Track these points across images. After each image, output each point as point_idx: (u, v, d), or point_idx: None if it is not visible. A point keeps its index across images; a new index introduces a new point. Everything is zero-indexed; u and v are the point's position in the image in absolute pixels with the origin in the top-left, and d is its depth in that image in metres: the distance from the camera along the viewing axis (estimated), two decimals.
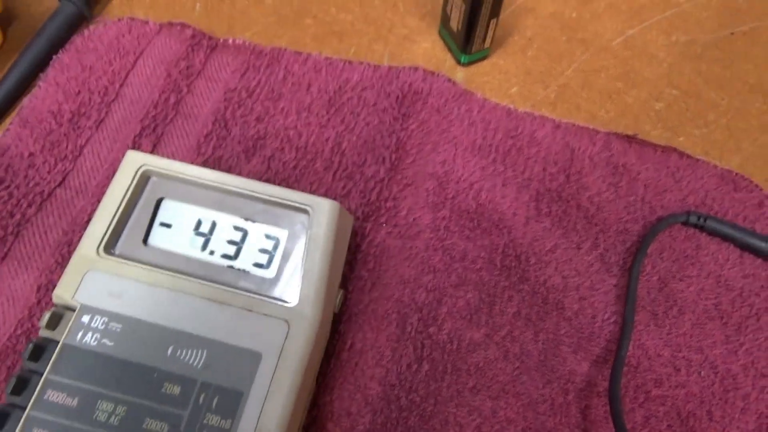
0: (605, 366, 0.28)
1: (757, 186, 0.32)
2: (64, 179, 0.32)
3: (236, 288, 0.24)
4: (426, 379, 0.27)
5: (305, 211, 0.25)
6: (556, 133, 0.33)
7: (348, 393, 0.26)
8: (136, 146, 0.33)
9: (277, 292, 0.24)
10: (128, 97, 0.35)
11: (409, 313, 0.28)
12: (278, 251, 0.25)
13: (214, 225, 0.26)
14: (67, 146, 0.33)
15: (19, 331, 0.28)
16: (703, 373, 0.28)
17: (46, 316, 0.23)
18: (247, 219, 0.26)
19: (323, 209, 0.25)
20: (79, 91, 0.35)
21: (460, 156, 0.32)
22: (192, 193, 0.27)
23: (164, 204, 0.26)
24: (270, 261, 0.25)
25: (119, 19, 0.37)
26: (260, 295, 0.24)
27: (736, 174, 0.32)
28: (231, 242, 0.25)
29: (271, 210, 0.26)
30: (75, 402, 0.22)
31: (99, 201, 0.31)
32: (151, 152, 0.33)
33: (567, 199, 0.32)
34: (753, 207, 0.32)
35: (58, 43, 0.36)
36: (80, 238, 0.30)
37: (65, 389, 0.22)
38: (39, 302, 0.28)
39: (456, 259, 0.30)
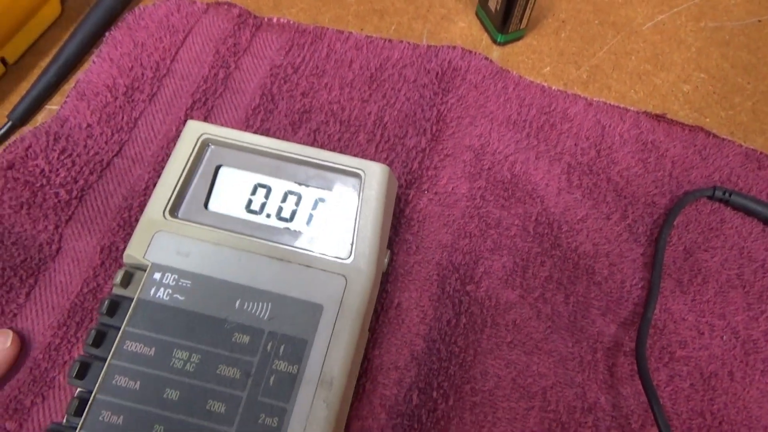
0: (632, 328, 0.30)
1: None
2: (120, 149, 0.34)
3: (294, 246, 0.26)
4: (465, 331, 0.29)
5: (357, 175, 0.27)
6: (587, 110, 0.35)
7: (396, 348, 0.28)
8: (187, 118, 0.35)
9: (332, 250, 0.26)
10: (179, 72, 0.37)
11: (448, 274, 0.30)
12: (332, 212, 0.27)
13: (269, 190, 0.28)
14: (122, 118, 0.35)
15: (85, 290, 0.30)
16: (725, 337, 0.30)
17: (119, 274, 0.25)
18: (300, 183, 0.28)
19: (375, 172, 0.27)
20: (132, 67, 0.36)
21: (495, 130, 0.34)
22: (248, 160, 0.28)
23: (222, 171, 0.28)
24: (324, 221, 0.27)
25: None
26: (317, 252, 0.26)
27: (761, 153, 0.34)
28: (286, 205, 0.27)
29: (323, 174, 0.28)
30: (152, 351, 0.24)
31: (155, 169, 0.33)
32: None
33: (597, 173, 0.33)
34: None
35: (112, 17, 0.38)
36: (139, 203, 0.32)
37: (142, 340, 0.24)
38: (102, 263, 0.30)
39: (491, 226, 0.32)
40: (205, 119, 0.35)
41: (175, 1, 0.39)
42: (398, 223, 0.31)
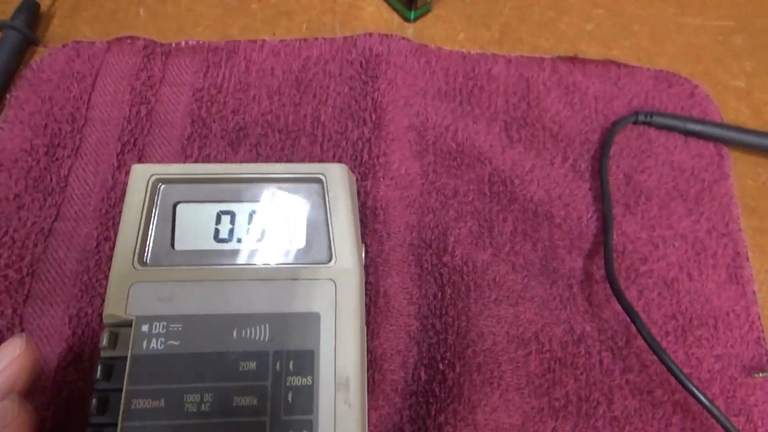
0: (597, 257, 0.32)
1: (686, 80, 0.37)
2: (58, 212, 0.32)
3: (275, 264, 0.26)
4: (452, 300, 0.30)
5: (318, 180, 0.28)
6: (509, 67, 0.37)
7: (393, 333, 0.29)
8: (121, 164, 0.34)
9: (314, 257, 0.26)
10: (98, 118, 0.35)
11: (422, 252, 0.31)
12: (302, 221, 0.27)
13: (233, 215, 0.28)
14: (51, 180, 0.33)
15: (64, 364, 0.28)
16: (677, 244, 0.33)
17: (105, 337, 0.24)
18: (262, 201, 0.28)
19: (335, 173, 0.27)
20: (46, 124, 0.34)
21: (430, 104, 0.35)
22: (204, 190, 0.28)
23: (180, 207, 0.28)
24: (297, 232, 0.27)
25: (64, 46, 0.37)
26: (299, 263, 0.26)
27: (668, 72, 0.37)
28: (254, 226, 0.27)
29: (284, 186, 0.28)
30: (162, 403, 0.23)
31: (102, 223, 0.32)
32: None
33: (532, 123, 0.35)
34: (686, 98, 0.37)
35: (8, 76, 0.36)
36: (95, 263, 0.31)
37: (149, 395, 0.23)
38: (74, 332, 0.29)
39: (449, 197, 0.33)
40: (139, 160, 0.34)
41: (72, 46, 0.37)
42: (364, 216, 0.32)
